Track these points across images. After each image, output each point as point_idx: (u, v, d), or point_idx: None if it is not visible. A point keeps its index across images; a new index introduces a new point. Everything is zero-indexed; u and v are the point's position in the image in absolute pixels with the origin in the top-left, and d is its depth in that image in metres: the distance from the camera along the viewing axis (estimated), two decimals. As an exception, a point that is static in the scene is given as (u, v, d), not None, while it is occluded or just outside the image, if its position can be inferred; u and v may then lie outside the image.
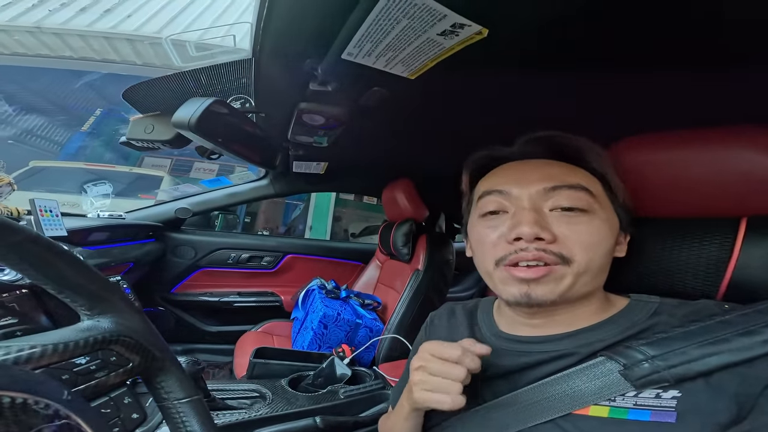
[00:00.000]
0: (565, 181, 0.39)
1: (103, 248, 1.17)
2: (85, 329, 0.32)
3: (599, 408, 0.34)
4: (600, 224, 0.39)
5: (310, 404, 0.76)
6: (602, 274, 0.40)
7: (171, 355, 0.39)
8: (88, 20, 4.97)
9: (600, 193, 0.40)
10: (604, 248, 0.39)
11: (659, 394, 0.32)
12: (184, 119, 0.70)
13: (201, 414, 0.39)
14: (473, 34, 0.46)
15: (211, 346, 1.62)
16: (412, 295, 1.18)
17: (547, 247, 0.37)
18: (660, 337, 0.34)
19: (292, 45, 0.63)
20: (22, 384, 0.23)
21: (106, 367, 0.34)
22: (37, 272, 0.30)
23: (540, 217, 0.38)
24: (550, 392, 0.37)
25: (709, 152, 0.39)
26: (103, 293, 0.34)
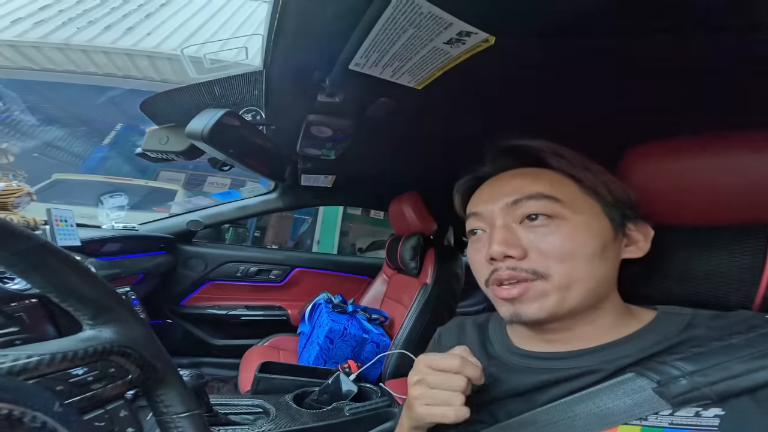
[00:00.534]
0: (525, 192, 0.39)
1: (115, 259, 1.19)
2: (85, 339, 0.32)
3: (629, 428, 0.31)
4: (572, 230, 0.37)
5: (314, 421, 0.73)
6: (603, 282, 0.38)
7: (172, 368, 0.39)
8: (112, 38, 5.25)
9: (572, 195, 0.39)
10: (586, 254, 0.36)
11: (699, 412, 0.29)
12: (198, 130, 0.72)
13: (200, 429, 0.37)
14: (480, 42, 0.46)
15: (217, 360, 1.61)
16: (420, 309, 1.16)
17: (518, 265, 0.37)
18: (697, 352, 0.32)
19: (301, 57, 0.64)
20: (9, 394, 0.23)
21: (104, 379, 0.33)
22: (42, 279, 0.30)
23: (509, 233, 0.38)
24: (574, 411, 0.34)
25: (736, 157, 0.38)
26: (107, 303, 0.34)
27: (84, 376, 0.31)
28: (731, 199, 0.38)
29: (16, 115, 5.94)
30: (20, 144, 5.93)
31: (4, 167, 4.07)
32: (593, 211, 0.38)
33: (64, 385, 0.30)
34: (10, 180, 1.04)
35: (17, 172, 1.47)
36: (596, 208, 0.39)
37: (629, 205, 0.40)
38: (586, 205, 0.39)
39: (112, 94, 6.10)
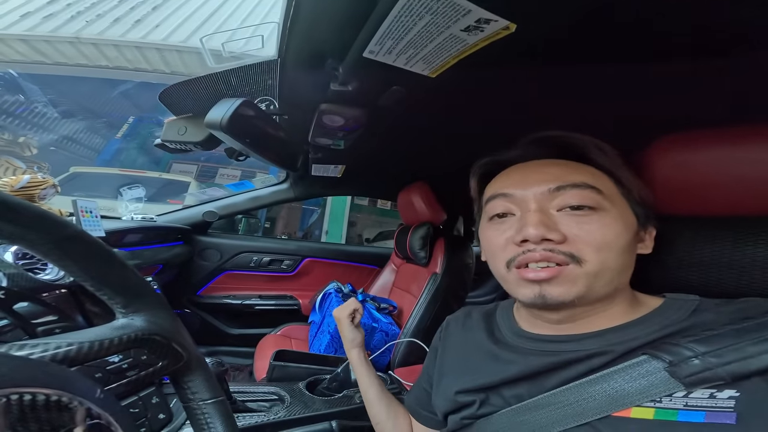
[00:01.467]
0: (569, 180, 0.38)
1: (136, 249, 1.22)
2: (119, 327, 0.33)
3: (643, 410, 0.32)
4: (612, 222, 0.37)
5: (326, 408, 0.76)
6: (624, 273, 0.38)
7: (198, 356, 0.40)
8: (121, 30, 5.27)
9: (610, 189, 0.39)
10: (619, 246, 0.37)
11: (713, 393, 0.29)
12: (216, 119, 0.73)
13: (225, 415, 0.39)
14: (499, 30, 0.45)
15: (233, 349, 1.65)
16: (430, 299, 1.16)
17: (556, 247, 0.37)
18: (709, 334, 0.32)
19: (316, 44, 0.63)
20: (57, 381, 0.24)
21: (137, 366, 0.34)
22: (78, 268, 0.30)
23: (546, 217, 0.38)
24: (587, 393, 0.35)
25: (754, 150, 0.37)
26: (139, 292, 0.35)
27: (119, 363, 0.33)
28: (755, 190, 0.38)
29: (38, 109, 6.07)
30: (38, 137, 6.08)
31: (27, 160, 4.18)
32: (624, 206, 0.39)
33: (102, 373, 0.32)
34: (35, 172, 1.07)
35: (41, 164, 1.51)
36: (625, 204, 0.39)
37: (649, 206, 0.41)
38: (619, 200, 0.39)
39: (124, 87, 6.17)
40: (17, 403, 0.20)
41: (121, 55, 5.32)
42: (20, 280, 0.67)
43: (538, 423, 0.37)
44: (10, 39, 5.12)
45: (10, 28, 5.19)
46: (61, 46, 5.24)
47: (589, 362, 0.37)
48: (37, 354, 0.28)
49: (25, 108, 5.90)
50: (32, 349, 0.28)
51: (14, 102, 5.77)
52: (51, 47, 5.25)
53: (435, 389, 0.52)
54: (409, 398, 0.61)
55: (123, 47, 5.25)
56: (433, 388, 0.53)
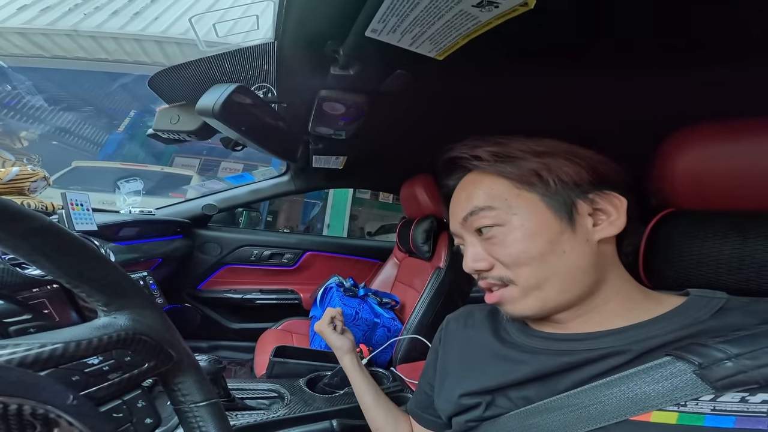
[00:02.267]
0: (466, 209, 0.41)
1: (133, 244, 1.20)
2: (100, 327, 0.30)
3: (664, 414, 0.30)
4: (514, 236, 0.38)
5: (326, 406, 0.74)
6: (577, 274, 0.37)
7: (189, 356, 0.37)
8: (120, 23, 5.22)
9: (507, 194, 0.39)
10: (533, 256, 0.37)
11: (745, 397, 0.27)
12: (208, 106, 0.69)
13: (218, 418, 0.36)
14: (516, 6, 0.41)
15: (233, 343, 1.64)
16: (433, 294, 1.14)
17: (489, 275, 0.40)
18: (741, 335, 0.30)
19: (315, 24, 0.60)
20: (20, 388, 0.21)
21: (121, 368, 0.32)
22: (51, 264, 0.28)
23: (475, 248, 0.41)
24: (604, 395, 0.33)
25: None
26: (121, 288, 0.32)
27: (99, 365, 0.30)
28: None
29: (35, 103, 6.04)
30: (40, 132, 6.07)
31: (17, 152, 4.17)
32: (529, 206, 0.38)
33: (80, 376, 0.29)
34: (25, 164, 1.04)
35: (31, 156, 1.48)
36: (533, 200, 0.38)
37: (576, 182, 0.38)
38: (521, 201, 0.39)
39: (125, 80, 6.13)
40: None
41: (121, 47, 5.27)
42: (6, 276, 0.64)
43: (549, 427, 0.35)
44: (6, 32, 5.08)
45: (7, 21, 5.14)
46: (59, 39, 5.18)
47: (606, 362, 0.35)
48: (4, 357, 0.25)
49: (18, 101, 5.87)
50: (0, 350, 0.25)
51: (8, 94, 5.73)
52: (49, 40, 5.20)
53: (437, 391, 0.50)
54: (414, 398, 0.60)
55: (122, 40, 5.19)
56: (436, 391, 0.51)
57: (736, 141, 0.38)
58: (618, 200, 0.38)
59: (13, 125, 5.72)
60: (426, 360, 0.58)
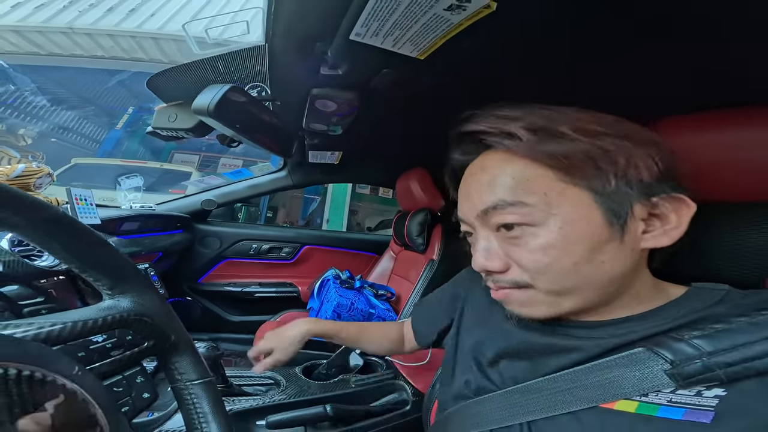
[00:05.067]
0: (489, 202, 0.34)
1: (134, 237, 1.23)
2: (105, 308, 0.34)
3: (627, 402, 0.31)
4: (548, 238, 0.32)
5: (321, 392, 0.77)
6: (607, 284, 0.33)
7: (186, 337, 0.41)
8: (116, 20, 5.20)
9: (546, 187, 0.32)
10: (568, 263, 0.31)
11: (701, 391, 0.28)
12: (204, 105, 0.72)
13: (212, 396, 0.39)
14: (481, 8, 0.44)
15: (233, 336, 1.68)
16: (427, 285, 1.17)
17: (501, 278, 0.36)
18: (720, 328, 0.29)
19: (302, 28, 0.62)
20: (32, 358, 0.24)
21: (122, 346, 0.35)
22: (63, 250, 0.31)
23: (488, 245, 0.36)
24: (580, 381, 0.34)
25: (755, 133, 0.36)
26: (125, 273, 0.35)
27: (103, 343, 0.33)
28: (756, 174, 0.36)
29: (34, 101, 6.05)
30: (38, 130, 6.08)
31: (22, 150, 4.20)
32: (575, 204, 0.31)
33: (86, 352, 0.32)
34: (30, 161, 1.08)
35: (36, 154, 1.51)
36: (583, 198, 0.31)
37: (643, 177, 0.31)
38: (564, 198, 0.31)
39: (122, 77, 6.12)
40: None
41: (117, 44, 5.26)
42: (16, 267, 0.68)
43: (529, 407, 0.36)
44: (2, 30, 5.07)
45: (1, 19, 5.13)
46: (55, 36, 5.18)
47: (587, 351, 0.35)
48: (19, 333, 0.28)
49: (19, 99, 5.89)
50: (15, 328, 0.28)
51: (7, 93, 5.75)
52: (44, 38, 5.19)
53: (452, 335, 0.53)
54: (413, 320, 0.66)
55: (118, 37, 5.18)
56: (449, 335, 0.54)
57: (714, 132, 0.38)
58: (686, 206, 0.31)
59: (13, 123, 5.75)
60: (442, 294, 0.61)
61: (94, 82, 6.41)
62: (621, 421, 0.31)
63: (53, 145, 6.43)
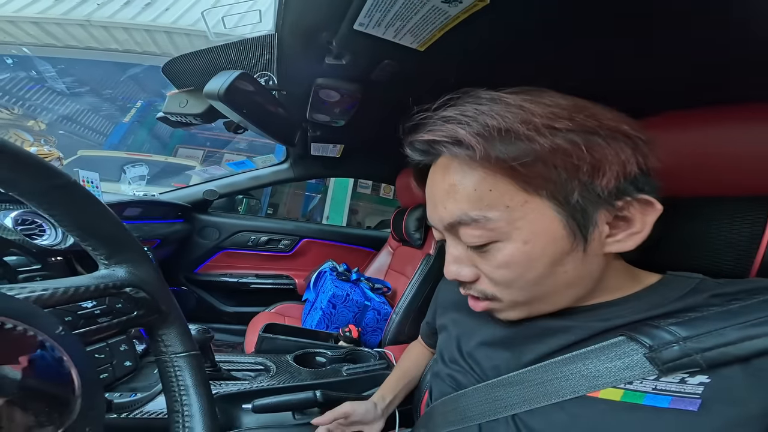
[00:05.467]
0: (451, 218, 0.33)
1: (134, 223, 1.25)
2: (99, 276, 0.34)
3: (612, 391, 0.31)
4: (511, 254, 0.31)
5: (312, 379, 0.76)
6: (578, 285, 0.34)
7: (176, 311, 0.41)
8: (132, 13, 5.28)
9: (508, 198, 0.30)
10: (531, 277, 0.32)
11: (685, 378, 0.28)
12: (214, 90, 0.75)
13: (196, 369, 0.39)
14: (475, 2, 0.44)
15: (227, 326, 1.68)
16: (422, 279, 1.17)
17: (473, 287, 0.36)
18: (694, 317, 0.30)
19: (310, 18, 0.64)
20: (16, 312, 0.25)
21: (110, 313, 0.35)
22: (67, 216, 0.31)
23: (458, 253, 0.36)
24: (563, 372, 0.34)
25: (741, 129, 0.37)
26: (124, 244, 0.36)
27: (92, 309, 0.34)
28: (737, 170, 0.37)
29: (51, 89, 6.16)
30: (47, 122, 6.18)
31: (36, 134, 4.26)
32: (538, 220, 0.30)
33: (72, 317, 0.33)
34: (42, 145, 1.10)
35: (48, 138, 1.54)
36: (544, 210, 0.30)
37: (608, 182, 0.29)
38: (527, 211, 0.30)
39: (134, 71, 6.20)
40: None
41: (131, 38, 5.34)
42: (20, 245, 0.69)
43: (511, 400, 0.36)
44: (21, 21, 5.17)
45: (23, 10, 5.23)
46: (72, 28, 5.27)
47: (566, 336, 0.35)
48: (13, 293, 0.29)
49: (38, 85, 5.98)
50: (8, 291, 0.29)
51: (28, 79, 5.85)
52: (62, 30, 5.28)
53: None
54: (423, 332, 0.69)
55: (133, 30, 5.26)
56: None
57: (692, 130, 0.39)
58: (653, 209, 0.30)
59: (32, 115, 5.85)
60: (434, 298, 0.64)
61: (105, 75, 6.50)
62: (606, 409, 0.31)
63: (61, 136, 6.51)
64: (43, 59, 5.78)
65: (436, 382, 0.49)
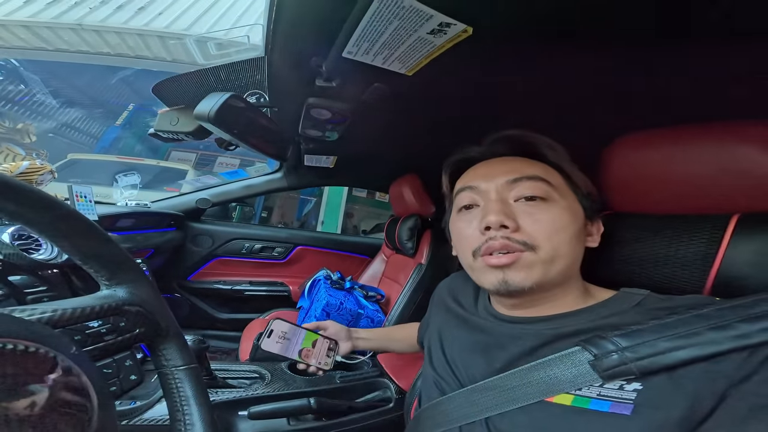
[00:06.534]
0: (525, 173, 0.43)
1: (128, 234, 1.26)
2: (102, 297, 0.37)
3: (565, 396, 0.35)
4: (560, 212, 0.41)
5: (306, 386, 0.78)
6: (574, 262, 0.42)
7: (175, 327, 0.44)
8: (124, 18, 5.24)
9: (559, 183, 0.44)
10: (568, 234, 0.41)
11: (623, 386, 0.32)
12: (205, 112, 0.76)
13: (195, 381, 0.42)
14: (459, 33, 0.48)
15: (221, 333, 1.69)
16: (414, 288, 1.20)
17: (512, 236, 0.40)
18: (636, 329, 0.34)
19: (299, 44, 0.67)
20: (35, 335, 0.27)
21: (115, 331, 0.38)
22: (70, 244, 0.34)
23: (505, 206, 0.42)
24: (528, 378, 0.38)
25: (705, 149, 0.39)
26: (123, 266, 0.39)
27: (98, 328, 0.37)
28: (697, 189, 0.40)
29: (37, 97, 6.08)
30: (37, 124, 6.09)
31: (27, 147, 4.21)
32: (573, 199, 0.44)
33: (82, 335, 0.35)
34: (34, 159, 1.11)
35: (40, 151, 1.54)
36: (574, 197, 0.44)
37: (594, 200, 0.46)
38: (568, 192, 0.44)
39: (125, 74, 6.15)
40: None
41: (123, 42, 5.29)
42: (16, 260, 0.71)
43: (486, 404, 0.40)
44: (12, 25, 5.10)
45: (13, 14, 5.16)
46: (63, 32, 5.21)
47: (521, 343, 0.41)
48: (24, 316, 0.31)
49: (25, 96, 5.91)
50: (20, 313, 0.32)
51: (15, 90, 5.78)
52: (53, 34, 5.22)
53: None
54: (420, 326, 0.73)
55: (125, 34, 5.22)
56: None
57: (656, 149, 0.42)
58: (599, 225, 0.46)
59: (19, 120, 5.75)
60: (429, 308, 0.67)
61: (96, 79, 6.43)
62: (559, 413, 0.35)
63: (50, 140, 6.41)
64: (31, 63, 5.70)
65: (424, 387, 0.53)
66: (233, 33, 0.88)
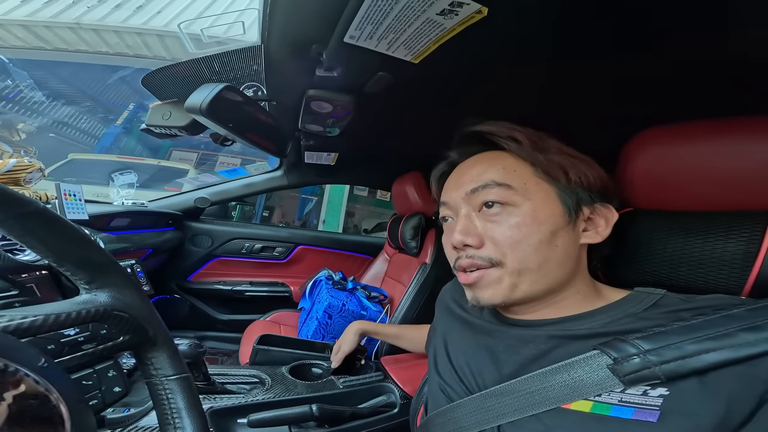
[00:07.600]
0: (480, 181, 0.40)
1: (123, 234, 1.23)
2: (80, 302, 0.33)
3: (583, 403, 0.33)
4: (521, 219, 0.38)
5: (308, 392, 0.76)
6: (560, 265, 0.39)
7: (164, 333, 0.40)
8: (123, 16, 5.23)
9: (527, 179, 0.40)
10: (535, 240, 0.38)
11: (647, 391, 0.30)
12: (197, 104, 0.72)
13: (188, 391, 0.39)
14: (473, 13, 0.44)
15: (221, 334, 1.66)
16: (419, 288, 1.16)
17: (476, 253, 0.39)
18: (658, 331, 0.32)
19: (298, 30, 0.63)
20: None
21: (95, 340, 0.34)
22: (39, 243, 0.30)
23: (469, 222, 0.40)
24: (548, 383, 0.35)
25: (738, 143, 0.37)
26: (103, 268, 0.35)
27: (75, 336, 0.33)
28: (730, 185, 0.37)
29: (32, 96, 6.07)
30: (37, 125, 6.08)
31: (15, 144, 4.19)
32: (545, 196, 0.39)
33: (56, 345, 0.32)
34: (22, 156, 1.07)
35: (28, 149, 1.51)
36: (550, 191, 0.39)
37: (590, 188, 0.40)
38: (538, 189, 0.39)
39: (124, 74, 6.14)
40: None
41: (122, 41, 5.28)
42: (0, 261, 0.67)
43: (502, 410, 0.38)
44: (10, 24, 5.08)
45: (11, 13, 5.14)
46: (62, 31, 5.19)
47: (532, 346, 0.39)
48: (-12, 324, 0.28)
49: (18, 94, 5.90)
50: (-18, 321, 0.28)
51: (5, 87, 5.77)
52: (51, 33, 5.20)
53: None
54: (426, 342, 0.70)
55: (124, 33, 5.20)
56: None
57: (686, 143, 0.39)
58: (611, 214, 0.41)
59: (12, 118, 5.75)
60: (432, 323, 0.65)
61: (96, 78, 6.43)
62: (577, 420, 0.32)
63: (51, 140, 6.41)
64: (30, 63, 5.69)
65: (430, 393, 0.51)
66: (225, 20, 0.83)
